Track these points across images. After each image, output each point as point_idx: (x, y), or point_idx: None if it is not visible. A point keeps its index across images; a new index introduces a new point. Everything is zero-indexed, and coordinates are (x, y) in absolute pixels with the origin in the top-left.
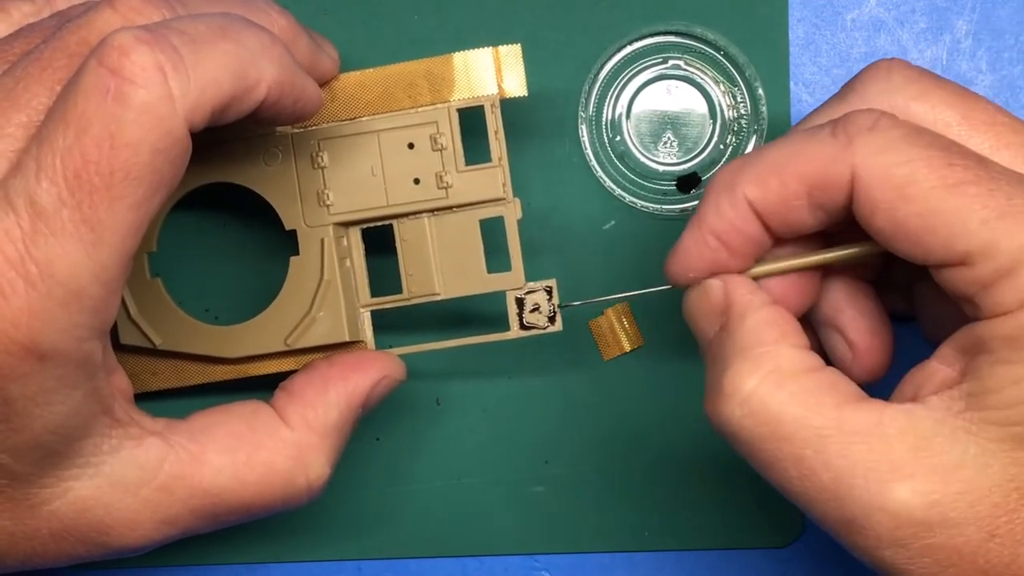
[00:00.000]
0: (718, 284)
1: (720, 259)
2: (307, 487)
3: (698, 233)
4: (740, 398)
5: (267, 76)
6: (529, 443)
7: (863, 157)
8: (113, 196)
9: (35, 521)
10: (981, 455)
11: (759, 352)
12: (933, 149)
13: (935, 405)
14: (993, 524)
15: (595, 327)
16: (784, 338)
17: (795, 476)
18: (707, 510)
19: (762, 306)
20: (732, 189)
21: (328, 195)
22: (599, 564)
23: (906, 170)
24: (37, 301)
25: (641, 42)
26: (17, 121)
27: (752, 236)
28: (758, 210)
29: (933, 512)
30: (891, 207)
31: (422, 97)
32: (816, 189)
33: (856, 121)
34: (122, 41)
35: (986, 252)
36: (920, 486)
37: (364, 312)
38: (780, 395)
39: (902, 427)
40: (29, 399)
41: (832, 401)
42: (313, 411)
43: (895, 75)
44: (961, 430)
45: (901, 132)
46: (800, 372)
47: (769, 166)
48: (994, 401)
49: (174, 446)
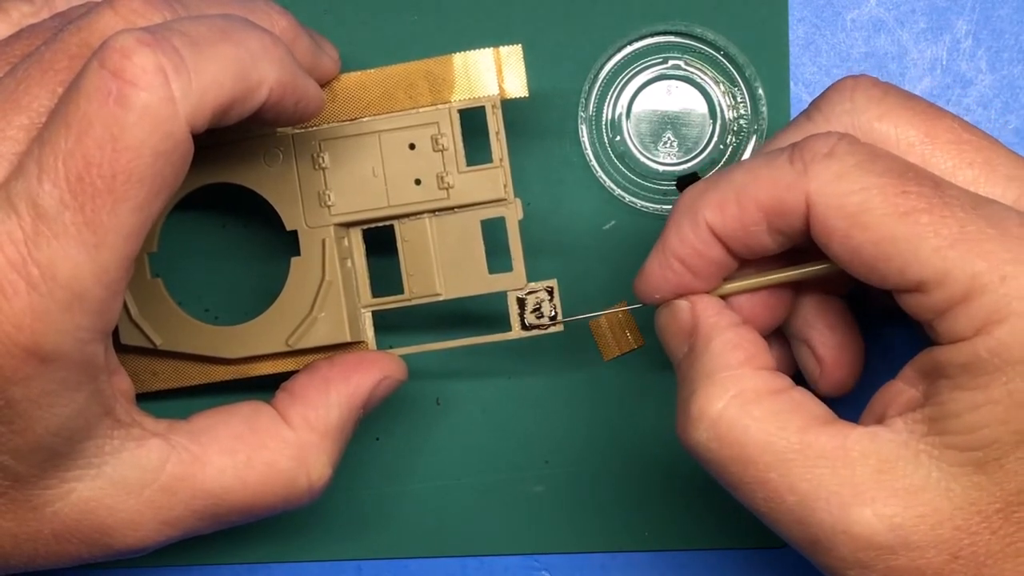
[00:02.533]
0: (686, 305)
1: (685, 281)
2: (308, 487)
3: (662, 256)
4: (707, 422)
5: (268, 77)
6: (529, 443)
7: (818, 185)
8: (115, 198)
9: (38, 522)
10: (943, 479)
11: (724, 376)
12: (888, 176)
13: (899, 428)
14: (956, 547)
15: (595, 327)
16: (749, 361)
17: (761, 498)
18: (707, 510)
19: (727, 328)
20: (693, 214)
21: (329, 196)
22: (599, 564)
23: (859, 198)
24: (39, 303)
25: (641, 42)
26: (18, 123)
27: (715, 259)
28: (719, 234)
29: (895, 535)
30: (846, 235)
31: (423, 98)
32: (773, 215)
33: (812, 147)
34: (123, 43)
35: (939, 280)
36: (882, 509)
37: (365, 312)
38: (745, 419)
39: (865, 450)
40: (31, 401)
41: (796, 424)
42: (314, 411)
43: (859, 94)
44: (924, 454)
45: (857, 159)
46: (765, 395)
47: (728, 191)
48: (954, 426)
49: (176, 447)
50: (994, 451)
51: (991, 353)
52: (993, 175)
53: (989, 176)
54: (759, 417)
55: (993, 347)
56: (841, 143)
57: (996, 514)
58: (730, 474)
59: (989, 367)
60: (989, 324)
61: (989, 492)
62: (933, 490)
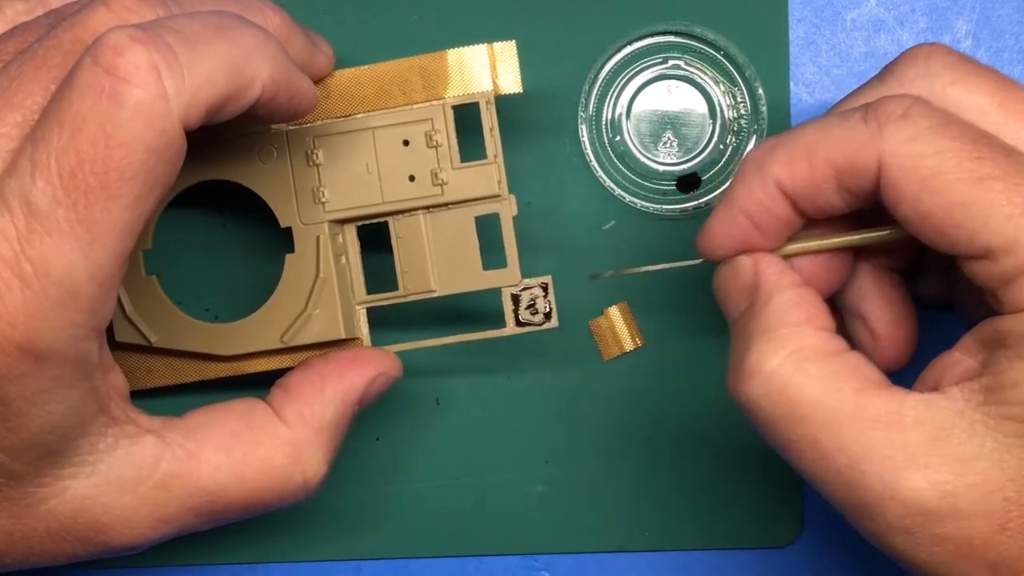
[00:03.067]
0: (748, 262)
1: (749, 237)
2: (304, 484)
3: (728, 211)
4: (760, 378)
5: (262, 74)
6: (529, 443)
7: (891, 146)
8: (108, 195)
9: (33, 520)
10: (997, 449)
11: (782, 333)
12: (962, 141)
13: (955, 396)
14: (1005, 518)
15: (595, 327)
16: (809, 320)
17: (810, 458)
18: (707, 510)
19: (789, 287)
20: (762, 170)
21: (323, 192)
22: (599, 564)
23: (933, 161)
24: (33, 301)
25: (641, 42)
26: (12, 120)
27: (781, 216)
28: (787, 191)
29: (945, 502)
30: (916, 198)
31: (417, 94)
32: (844, 174)
33: (887, 108)
34: (116, 40)
35: (1008, 248)
36: (934, 476)
37: (360, 309)
38: (800, 377)
39: (920, 416)
40: (26, 399)
41: (852, 386)
42: (309, 408)
43: (934, 60)
44: (979, 423)
45: (931, 122)
46: (822, 355)
47: (800, 148)
48: (1011, 397)
49: (171, 444)
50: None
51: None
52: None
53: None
54: (815, 376)
55: None
56: (916, 105)
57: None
58: (780, 432)
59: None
60: None
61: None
62: (986, 460)
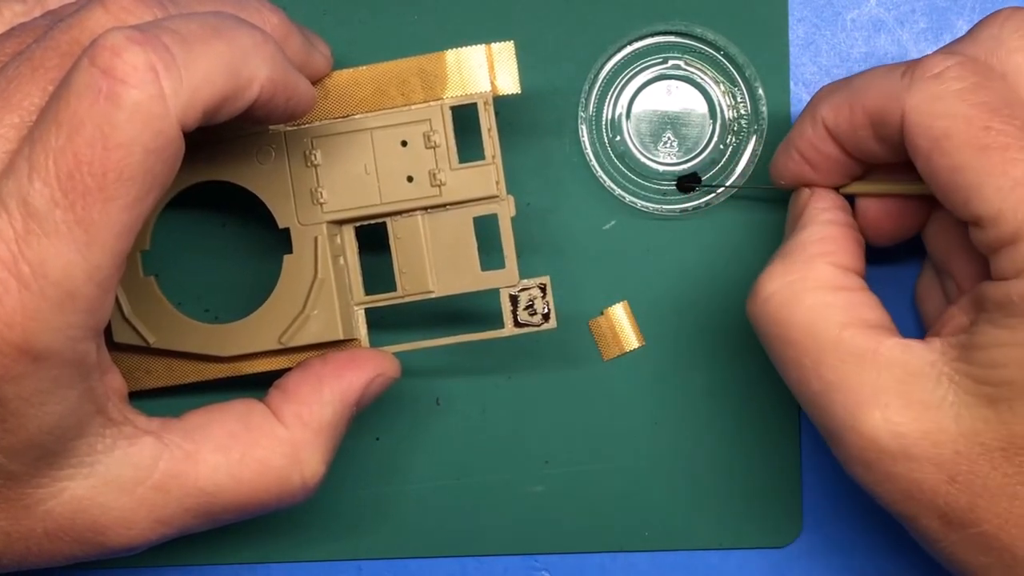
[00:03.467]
0: (805, 193)
1: (804, 172)
2: (302, 485)
3: (786, 147)
4: (762, 297)
5: (260, 75)
6: (529, 443)
7: (915, 102)
8: (106, 196)
9: (30, 521)
10: (956, 404)
11: (794, 259)
12: (980, 109)
13: (935, 347)
14: (954, 470)
15: (595, 327)
16: (827, 254)
17: (794, 379)
18: (707, 510)
19: (825, 222)
20: (814, 111)
21: (321, 193)
22: (599, 564)
23: (946, 123)
24: (31, 302)
25: (641, 42)
26: (9, 122)
27: (831, 156)
28: (833, 133)
29: (897, 443)
30: (928, 156)
31: (415, 94)
32: (876, 122)
33: (926, 65)
34: (114, 41)
35: (994, 218)
36: (892, 415)
37: (358, 310)
38: (794, 304)
39: (895, 359)
40: (23, 400)
41: (841, 319)
42: (308, 409)
43: (1008, 24)
44: (946, 376)
45: (960, 86)
46: (824, 287)
47: (846, 94)
48: (978, 358)
49: (169, 445)
50: (1007, 391)
51: (1022, 298)
52: None
53: None
54: (809, 305)
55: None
56: (953, 67)
57: (998, 451)
58: (772, 350)
59: (1018, 310)
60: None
61: (995, 428)
62: (945, 412)
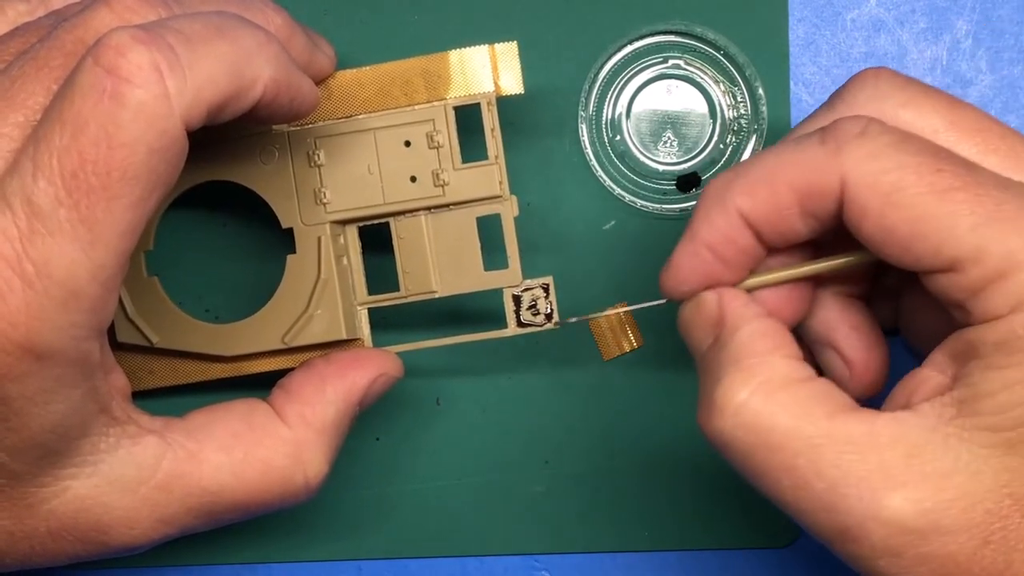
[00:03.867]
0: (712, 297)
1: (714, 271)
2: (305, 485)
3: (691, 246)
4: (732, 409)
5: (263, 75)
6: (529, 443)
7: (852, 164)
8: (110, 196)
9: (34, 520)
10: (973, 461)
11: (751, 363)
12: (921, 155)
13: (926, 412)
14: (987, 530)
15: (595, 327)
16: (777, 349)
17: (788, 486)
18: (707, 510)
19: (755, 318)
20: (723, 200)
21: (325, 193)
22: (599, 564)
23: (894, 176)
24: (34, 301)
25: (641, 42)
26: (13, 121)
27: (745, 247)
28: (750, 220)
29: (926, 520)
30: (880, 213)
31: (418, 95)
32: (807, 197)
33: (844, 128)
34: (118, 40)
35: (975, 257)
36: (912, 494)
37: (361, 310)
38: (771, 406)
39: (894, 435)
40: (27, 398)
41: (824, 411)
42: (311, 409)
43: (883, 82)
44: (953, 437)
45: (889, 138)
46: (792, 382)
47: (759, 176)
48: (985, 407)
49: (172, 444)
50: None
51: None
52: (1018, 161)
53: (1014, 162)
54: (786, 404)
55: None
56: (873, 124)
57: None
58: (755, 462)
59: (1022, 345)
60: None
61: (1021, 474)
62: (963, 473)
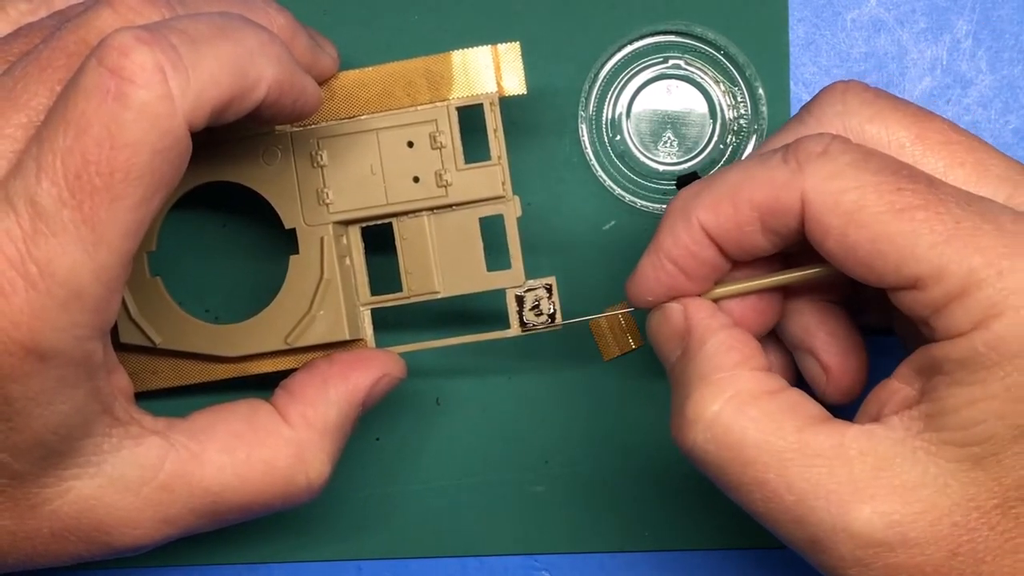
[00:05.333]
0: (678, 308)
1: (678, 283)
2: (307, 485)
3: (655, 258)
4: (703, 424)
5: (266, 75)
6: (529, 443)
7: (813, 183)
8: (113, 196)
9: (36, 520)
10: (940, 475)
11: (720, 377)
12: (882, 174)
13: (895, 425)
14: (954, 543)
15: (595, 327)
16: (745, 362)
17: (759, 499)
18: (707, 510)
19: (721, 329)
20: (687, 215)
21: (327, 194)
22: (599, 564)
23: (855, 195)
24: (37, 301)
25: (641, 42)
26: (17, 121)
27: (708, 260)
28: (712, 235)
29: (894, 532)
30: (841, 233)
31: (421, 95)
32: (768, 215)
33: (806, 147)
34: (122, 41)
35: (936, 276)
36: (881, 507)
37: (364, 311)
38: (742, 420)
39: (863, 448)
40: (30, 399)
41: (793, 424)
42: (313, 409)
43: (850, 97)
44: (921, 451)
45: (851, 157)
46: (761, 395)
47: (723, 192)
48: (951, 422)
49: (175, 445)
50: (991, 446)
51: (988, 347)
52: (985, 175)
53: (981, 175)
54: (755, 418)
55: (990, 341)
56: (835, 143)
57: (994, 510)
58: (727, 476)
59: (987, 362)
60: (987, 319)
61: (987, 488)
62: (931, 486)
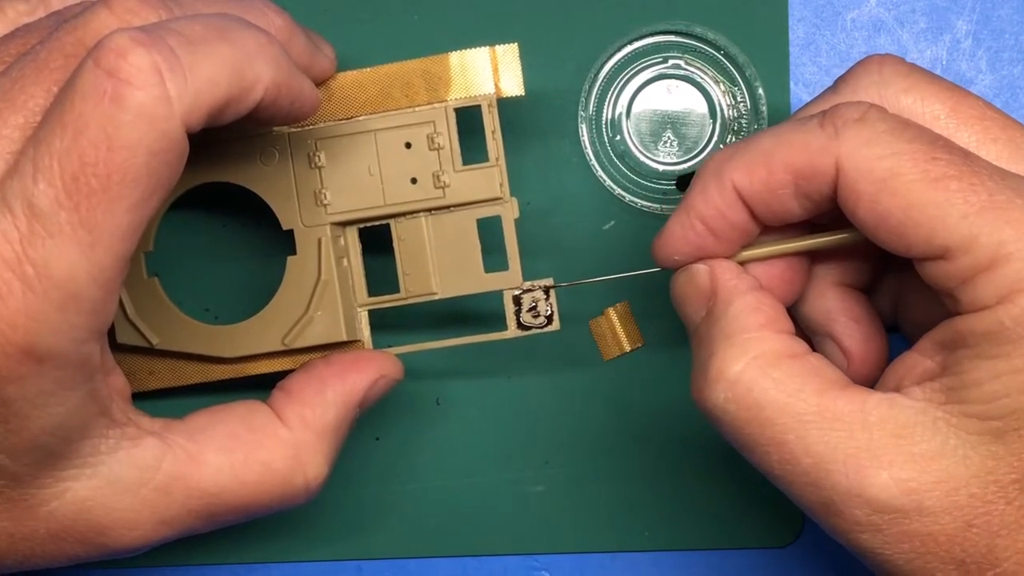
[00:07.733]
0: (704, 269)
1: (706, 244)
2: (305, 486)
3: (685, 217)
4: (725, 383)
5: (264, 77)
6: (529, 443)
7: (849, 148)
8: (110, 198)
9: (33, 522)
10: (960, 447)
11: (744, 338)
12: (918, 143)
13: (917, 395)
14: (971, 514)
15: (595, 327)
16: (770, 324)
17: (776, 460)
18: (707, 510)
19: (748, 291)
20: (720, 175)
21: (325, 195)
22: (599, 564)
23: (890, 163)
24: (34, 303)
25: (641, 42)
26: (14, 123)
27: (738, 223)
28: (745, 197)
29: (910, 499)
30: (874, 199)
31: (419, 96)
32: (802, 178)
33: (844, 113)
34: (119, 42)
35: (965, 247)
36: (899, 473)
37: (361, 312)
38: (764, 381)
39: (883, 415)
40: (27, 401)
41: (815, 387)
42: (311, 411)
43: (887, 68)
44: (942, 421)
45: (887, 125)
46: (784, 358)
47: (757, 154)
48: (973, 395)
49: (172, 446)
50: (1013, 421)
51: (1015, 322)
52: (1017, 152)
53: (1013, 152)
54: (778, 379)
55: (1017, 315)
56: (872, 110)
57: (1012, 484)
58: (746, 436)
59: (1012, 336)
60: (1013, 293)
61: (1007, 462)
62: (950, 457)
